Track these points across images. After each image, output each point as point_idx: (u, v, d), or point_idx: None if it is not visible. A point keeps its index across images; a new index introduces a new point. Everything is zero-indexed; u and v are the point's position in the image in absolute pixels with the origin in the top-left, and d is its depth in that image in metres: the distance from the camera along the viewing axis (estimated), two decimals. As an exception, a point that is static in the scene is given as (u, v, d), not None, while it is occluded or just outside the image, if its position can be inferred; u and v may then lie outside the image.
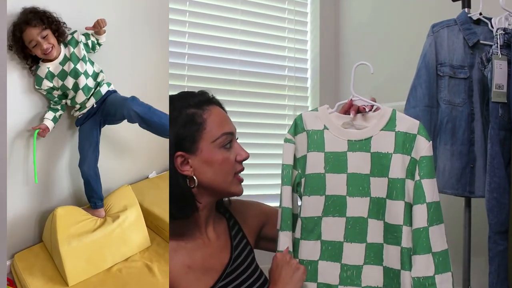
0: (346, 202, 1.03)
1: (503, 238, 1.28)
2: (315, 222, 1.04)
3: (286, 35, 2.34)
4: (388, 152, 1.00)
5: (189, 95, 1.03)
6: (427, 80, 1.46)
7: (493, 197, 1.29)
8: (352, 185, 1.03)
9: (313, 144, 1.06)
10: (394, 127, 1.01)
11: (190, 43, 2.07)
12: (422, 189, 0.96)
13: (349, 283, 1.03)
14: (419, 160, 0.98)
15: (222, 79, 2.13)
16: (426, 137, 0.98)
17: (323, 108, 1.08)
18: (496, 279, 1.29)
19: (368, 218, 1.02)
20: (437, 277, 0.96)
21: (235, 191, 1.04)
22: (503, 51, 1.33)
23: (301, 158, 1.07)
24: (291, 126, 1.09)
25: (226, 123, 1.03)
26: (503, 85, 1.31)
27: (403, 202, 0.99)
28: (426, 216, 0.96)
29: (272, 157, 2.26)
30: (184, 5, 2.06)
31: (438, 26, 1.50)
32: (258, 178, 2.19)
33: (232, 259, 1.05)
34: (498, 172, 1.29)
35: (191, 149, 0.98)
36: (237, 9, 2.20)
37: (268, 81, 2.27)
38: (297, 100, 2.35)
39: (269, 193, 2.21)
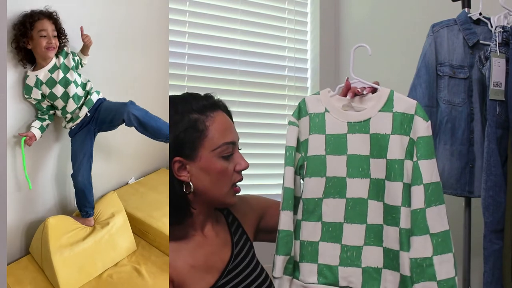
0: (346, 183, 1.04)
1: (499, 237, 1.28)
2: (316, 204, 1.06)
3: (286, 35, 2.34)
4: (386, 133, 1.00)
5: (193, 98, 1.01)
6: (427, 80, 1.46)
7: (489, 195, 1.29)
8: (352, 167, 1.04)
9: (314, 127, 1.07)
10: (391, 108, 1.01)
11: (190, 43, 2.07)
12: (419, 170, 0.96)
13: (349, 263, 1.04)
14: (416, 140, 0.97)
15: (222, 79, 2.13)
16: (423, 117, 0.98)
17: (324, 91, 1.09)
18: (491, 278, 1.29)
19: (368, 199, 1.03)
20: (436, 258, 0.95)
21: (229, 202, 1.04)
22: (501, 49, 1.33)
23: (304, 142, 1.08)
24: (295, 109, 1.10)
25: (229, 132, 1.01)
26: (501, 83, 1.31)
27: (401, 183, 0.99)
28: (423, 197, 0.96)
29: (272, 157, 2.26)
30: (184, 5, 2.06)
31: (438, 26, 1.50)
32: (258, 178, 2.19)
33: (234, 255, 1.05)
34: (494, 170, 1.29)
35: (190, 155, 0.97)
36: (237, 9, 2.20)
37: (268, 81, 2.27)
38: (297, 100, 2.34)
39: (269, 193, 2.21)
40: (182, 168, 0.98)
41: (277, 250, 1.06)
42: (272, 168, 2.26)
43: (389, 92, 1.02)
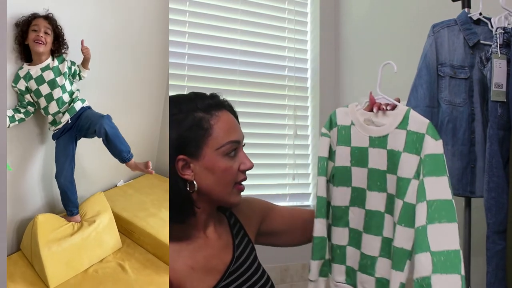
0: (366, 195, 1.07)
1: (501, 237, 1.28)
2: (343, 211, 1.11)
3: (286, 35, 2.34)
4: (399, 150, 1.01)
5: (198, 97, 1.01)
6: (428, 80, 1.46)
7: (491, 196, 1.29)
8: (372, 180, 1.06)
9: (341, 138, 1.10)
10: (406, 126, 1.01)
11: (190, 43, 2.07)
12: (424, 187, 0.94)
13: (365, 271, 1.07)
14: (423, 159, 0.96)
15: (222, 79, 2.13)
16: (433, 136, 0.97)
17: (352, 105, 1.12)
18: (494, 279, 1.29)
19: (385, 213, 1.05)
20: (435, 277, 0.87)
21: (233, 201, 1.03)
22: (502, 50, 1.33)
23: (334, 152, 1.13)
24: (327, 121, 1.13)
25: (234, 131, 1.01)
26: (503, 84, 1.31)
27: (401, 202, 0.98)
28: (425, 214, 0.93)
29: (272, 157, 2.26)
30: (184, 5, 2.06)
31: (439, 26, 1.50)
32: (257, 178, 2.20)
33: (235, 258, 1.05)
34: (496, 172, 1.29)
35: (194, 154, 0.97)
36: (237, 9, 2.20)
37: (268, 81, 2.27)
38: (297, 100, 2.35)
39: (269, 193, 2.21)
40: (186, 166, 0.98)
41: (313, 255, 1.11)
42: (272, 168, 2.26)
43: (406, 110, 1.02)
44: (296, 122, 2.32)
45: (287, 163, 2.30)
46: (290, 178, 2.29)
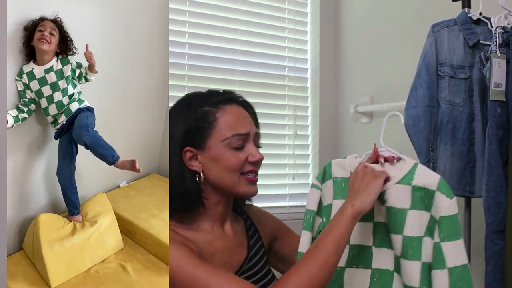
0: (372, 252, 1.00)
1: (500, 237, 1.27)
2: (338, 273, 1.01)
3: (286, 35, 2.34)
4: (404, 208, 0.94)
5: (210, 94, 1.05)
6: (427, 80, 1.46)
7: (490, 196, 1.28)
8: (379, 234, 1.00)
9: (339, 191, 1.04)
10: (410, 181, 0.95)
11: (190, 43, 2.06)
12: (442, 252, 0.89)
13: None
14: (438, 220, 0.90)
15: (222, 79, 2.13)
16: (447, 194, 0.90)
17: (351, 156, 1.06)
18: (492, 279, 1.28)
19: (394, 272, 0.99)
20: None
21: (245, 191, 1.03)
22: (502, 49, 1.33)
23: (328, 206, 1.05)
24: (320, 172, 1.07)
25: (242, 124, 1.02)
26: (502, 83, 1.31)
27: (419, 263, 0.92)
28: (447, 282, 0.88)
29: (272, 157, 2.26)
30: (184, 5, 2.06)
31: (438, 26, 1.50)
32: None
33: (248, 258, 1.06)
34: (495, 171, 1.29)
35: (200, 145, 1.00)
36: (237, 9, 2.19)
37: (268, 81, 2.26)
38: (297, 100, 2.35)
39: (268, 193, 2.21)
40: (193, 158, 1.00)
41: None
42: (272, 168, 2.26)
43: (412, 164, 0.97)
44: (296, 122, 2.32)
45: (287, 163, 2.30)
46: (290, 178, 2.29)
